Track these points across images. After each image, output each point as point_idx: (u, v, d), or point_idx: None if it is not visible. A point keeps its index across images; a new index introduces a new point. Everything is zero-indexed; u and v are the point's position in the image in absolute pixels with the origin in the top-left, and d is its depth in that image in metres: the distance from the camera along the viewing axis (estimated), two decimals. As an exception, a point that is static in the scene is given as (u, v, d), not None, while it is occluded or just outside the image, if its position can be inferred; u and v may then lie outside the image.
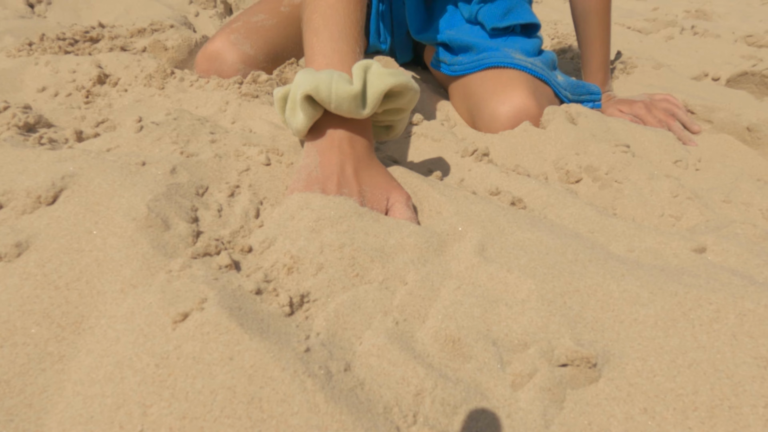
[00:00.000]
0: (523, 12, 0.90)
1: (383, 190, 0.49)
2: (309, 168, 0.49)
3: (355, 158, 0.49)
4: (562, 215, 0.49)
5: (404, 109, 0.53)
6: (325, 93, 0.46)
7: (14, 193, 0.44)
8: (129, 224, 0.40)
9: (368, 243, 0.40)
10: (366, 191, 0.48)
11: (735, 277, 0.37)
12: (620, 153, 0.65)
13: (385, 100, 0.50)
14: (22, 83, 0.83)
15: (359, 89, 0.47)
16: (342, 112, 0.48)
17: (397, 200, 0.48)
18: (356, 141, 0.50)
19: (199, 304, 0.33)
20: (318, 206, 0.42)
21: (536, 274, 0.38)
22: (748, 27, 2.31)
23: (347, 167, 0.48)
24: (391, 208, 0.48)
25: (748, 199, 0.56)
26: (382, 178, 0.50)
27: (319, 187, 0.46)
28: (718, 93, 1.01)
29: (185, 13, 1.54)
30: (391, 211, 0.48)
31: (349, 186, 0.47)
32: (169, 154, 0.51)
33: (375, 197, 0.48)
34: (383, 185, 0.49)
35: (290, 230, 0.41)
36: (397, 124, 0.56)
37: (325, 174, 0.48)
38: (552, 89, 0.84)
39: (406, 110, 0.53)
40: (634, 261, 0.40)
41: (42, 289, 0.37)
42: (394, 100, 0.50)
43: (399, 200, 0.48)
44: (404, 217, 0.46)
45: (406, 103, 0.51)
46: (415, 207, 0.49)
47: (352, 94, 0.46)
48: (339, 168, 0.48)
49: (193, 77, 0.79)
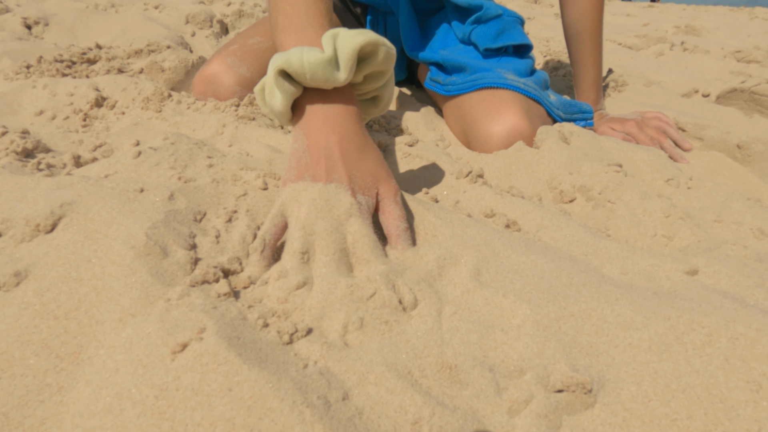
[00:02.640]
0: (515, 33, 0.92)
1: (373, 178, 0.49)
2: (298, 154, 0.49)
3: (344, 137, 0.49)
4: (556, 237, 0.50)
5: (383, 71, 0.52)
6: (297, 64, 0.46)
7: (13, 222, 0.44)
8: (128, 252, 0.40)
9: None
10: (356, 177, 0.48)
11: (727, 300, 0.38)
12: (613, 173, 0.66)
13: (361, 64, 0.50)
14: (19, 106, 0.83)
15: (331, 53, 0.46)
16: (319, 82, 0.48)
17: (385, 195, 0.49)
18: (343, 114, 0.50)
19: (197, 334, 0.33)
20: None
21: (531, 299, 0.38)
22: (736, 42, 2.35)
23: (335, 151, 0.48)
24: (380, 203, 0.48)
25: (738, 219, 0.57)
26: (372, 162, 0.50)
27: (309, 174, 0.46)
28: (708, 110, 1.03)
29: (182, 33, 1.56)
30: (380, 207, 0.48)
31: (338, 172, 0.47)
32: (167, 180, 0.51)
33: (366, 184, 0.48)
34: (373, 171, 0.49)
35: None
36: (382, 93, 0.55)
37: (314, 159, 0.47)
38: (545, 109, 0.85)
39: (385, 73, 0.52)
40: (628, 284, 0.41)
41: (41, 318, 0.37)
42: (369, 62, 0.50)
43: (387, 195, 0.49)
44: (393, 216, 0.47)
45: (383, 63, 0.50)
46: (404, 199, 0.49)
47: (325, 59, 0.46)
48: (327, 151, 0.48)
49: (190, 100, 0.80)
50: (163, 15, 1.67)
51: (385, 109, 0.58)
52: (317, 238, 0.43)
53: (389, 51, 0.50)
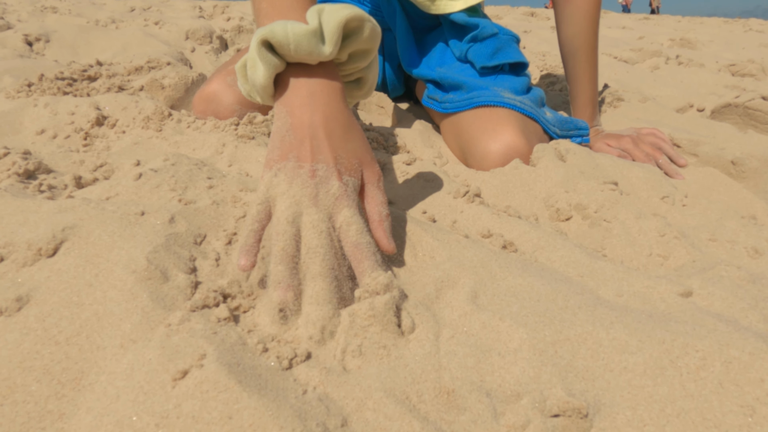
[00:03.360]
0: (511, 52, 0.93)
1: (359, 160, 0.48)
2: (281, 133, 0.48)
3: (329, 116, 0.48)
4: (553, 258, 0.50)
5: (368, 50, 0.51)
6: (281, 34, 0.45)
7: (15, 246, 0.44)
8: (129, 277, 0.41)
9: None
10: (342, 157, 0.47)
11: (720, 323, 0.38)
12: (609, 191, 0.66)
13: (346, 41, 0.49)
14: (21, 125, 0.84)
15: (316, 25, 0.46)
16: (303, 55, 0.47)
17: (369, 180, 0.49)
18: (327, 91, 0.49)
19: (198, 360, 0.33)
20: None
21: (528, 323, 0.39)
22: (731, 55, 2.38)
23: (320, 130, 0.47)
24: (364, 186, 0.48)
25: (733, 237, 0.57)
26: (358, 143, 0.49)
27: (293, 155, 0.46)
28: (702, 126, 1.04)
29: (181, 49, 1.57)
30: (364, 191, 0.48)
31: (324, 153, 0.46)
32: (168, 202, 0.52)
33: (351, 165, 0.47)
34: (358, 153, 0.49)
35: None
36: (366, 74, 0.54)
37: (298, 138, 0.47)
38: (541, 126, 0.86)
39: (370, 52, 0.52)
40: (623, 306, 0.42)
41: (42, 344, 0.37)
42: (354, 38, 0.49)
43: (371, 180, 0.49)
44: (376, 201, 0.48)
45: (368, 40, 0.50)
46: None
47: (310, 30, 0.45)
48: (311, 131, 0.47)
49: (190, 119, 0.81)
50: (163, 31, 1.69)
51: (369, 92, 0.57)
52: (304, 231, 0.42)
53: (374, 28, 0.49)
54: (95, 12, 2.56)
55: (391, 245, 0.47)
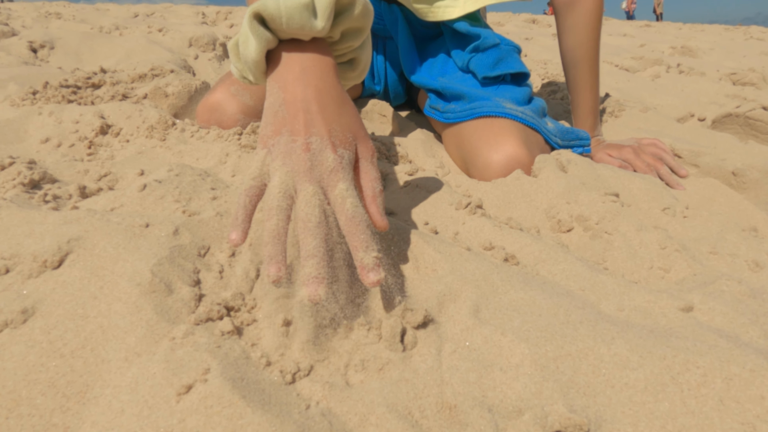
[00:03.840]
0: (513, 62, 0.94)
1: (352, 134, 0.48)
2: (274, 108, 0.47)
3: (322, 90, 0.48)
4: (554, 271, 0.50)
5: (361, 28, 0.51)
6: (273, 7, 0.45)
7: (21, 257, 0.45)
8: (133, 290, 0.41)
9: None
10: (336, 131, 0.47)
11: (721, 339, 0.39)
12: (610, 202, 0.67)
13: (338, 18, 0.49)
14: (26, 133, 0.85)
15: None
16: (295, 29, 0.47)
17: (363, 155, 0.48)
18: (320, 66, 0.49)
19: (202, 375, 0.34)
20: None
21: (529, 338, 0.39)
22: (732, 63, 2.38)
23: (313, 104, 0.47)
24: (358, 162, 0.48)
25: (734, 250, 0.57)
26: (351, 117, 0.49)
27: (287, 129, 0.46)
28: (703, 136, 1.04)
29: (185, 57, 1.58)
30: (358, 166, 0.48)
31: (317, 126, 0.46)
32: (172, 214, 0.52)
33: (345, 139, 0.47)
34: (352, 127, 0.49)
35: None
36: (359, 55, 0.54)
37: (291, 113, 0.46)
38: (542, 136, 0.87)
39: (363, 30, 0.52)
40: (624, 321, 0.42)
41: (47, 357, 0.37)
42: (346, 15, 0.49)
43: (365, 155, 0.48)
44: (370, 177, 0.47)
45: (360, 18, 0.50)
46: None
47: (302, 3, 0.45)
48: (304, 105, 0.47)
49: (194, 128, 0.82)
50: (166, 38, 1.70)
51: (362, 74, 0.56)
52: (298, 206, 0.42)
53: (366, 5, 0.49)
54: (99, 18, 2.58)
55: (384, 221, 0.46)
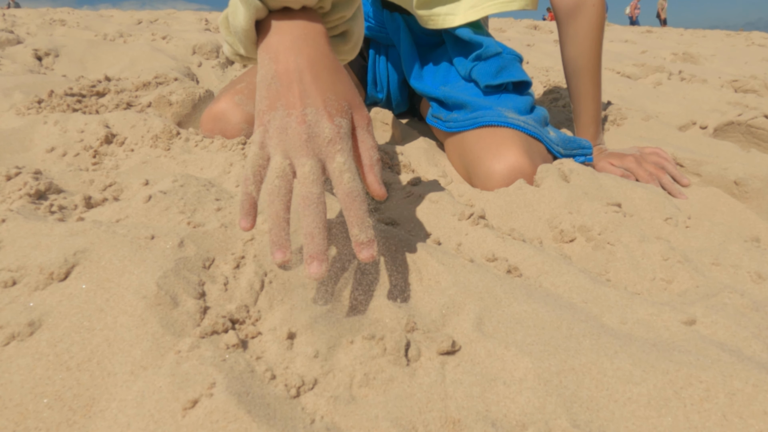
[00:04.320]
0: (515, 70, 0.94)
1: (347, 102, 0.47)
2: (266, 80, 0.47)
3: (315, 59, 0.47)
4: (557, 283, 0.51)
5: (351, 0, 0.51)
6: None
7: (27, 269, 0.45)
8: (139, 302, 0.41)
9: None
10: (330, 100, 0.46)
11: (724, 353, 0.39)
12: (612, 213, 0.67)
13: None
14: (31, 143, 0.85)
15: None
16: None
17: (359, 124, 0.48)
18: (311, 34, 0.48)
19: (208, 389, 0.34)
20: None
21: (533, 352, 0.39)
22: (733, 70, 2.39)
23: (306, 73, 0.46)
24: (355, 131, 0.48)
25: (736, 262, 0.58)
26: (346, 86, 0.48)
27: (282, 103, 0.45)
28: (705, 144, 1.05)
29: (188, 64, 1.59)
30: (355, 136, 0.48)
31: (312, 96, 0.45)
32: (177, 225, 0.53)
33: (341, 108, 0.46)
34: (347, 95, 0.48)
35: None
36: (351, 27, 0.54)
37: (285, 84, 0.46)
38: (545, 146, 0.87)
39: (353, 1, 0.51)
40: (627, 335, 0.42)
41: (54, 370, 0.38)
42: None
43: (361, 124, 0.48)
44: (367, 146, 0.47)
45: None
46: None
47: None
48: (298, 75, 0.46)
49: (198, 137, 0.82)
50: (170, 45, 1.71)
51: (355, 48, 0.56)
52: (297, 183, 0.43)
53: None
54: (103, 25, 2.60)
55: (382, 190, 0.47)
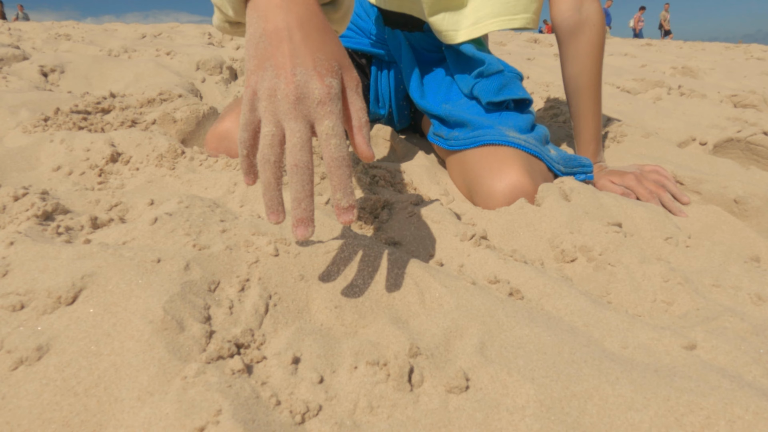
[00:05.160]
0: (516, 88, 0.96)
1: (337, 63, 0.47)
2: (254, 39, 0.47)
3: (304, 18, 0.47)
4: (559, 306, 0.51)
5: None
6: None
7: (35, 293, 0.46)
8: (146, 327, 0.42)
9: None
10: (320, 60, 0.46)
11: (725, 380, 0.39)
12: (613, 233, 0.67)
13: None
14: (37, 161, 0.86)
15: None
16: None
17: (348, 85, 0.48)
18: None
19: (214, 416, 0.34)
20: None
21: (535, 377, 0.39)
22: (732, 84, 2.40)
23: (296, 32, 0.46)
24: (344, 92, 0.48)
25: (736, 283, 0.58)
26: (335, 46, 0.48)
27: (270, 63, 0.45)
28: (705, 162, 1.05)
29: (192, 80, 1.61)
30: (344, 98, 0.48)
31: (302, 56, 0.45)
32: (182, 248, 0.53)
33: (331, 68, 0.46)
34: (337, 56, 0.48)
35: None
36: None
37: (274, 43, 0.45)
38: (545, 164, 0.88)
39: None
40: (628, 360, 0.42)
41: (62, 395, 0.38)
42: None
43: (350, 86, 0.48)
44: (356, 107, 0.48)
45: None
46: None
47: None
48: (287, 33, 0.46)
49: (203, 156, 0.83)
50: (174, 61, 1.73)
51: (345, 19, 0.55)
52: (287, 147, 0.44)
53: None
54: (107, 39, 2.63)
55: (369, 152, 0.47)
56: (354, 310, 0.50)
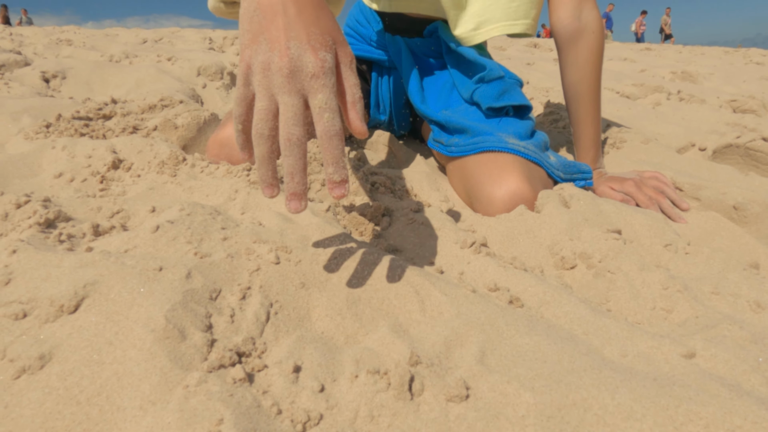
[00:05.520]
0: (516, 95, 0.96)
1: (331, 38, 0.47)
2: (249, 13, 0.47)
3: None
4: (558, 314, 0.51)
5: None
6: None
7: (38, 301, 0.46)
8: (148, 336, 0.42)
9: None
10: (314, 34, 0.46)
11: (723, 388, 0.39)
12: (612, 240, 0.68)
13: None
14: (39, 168, 0.87)
15: None
16: None
17: (342, 60, 0.48)
18: None
19: (216, 426, 0.35)
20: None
21: (535, 387, 0.40)
22: (732, 88, 2.41)
23: (290, 7, 0.46)
24: (338, 68, 0.48)
25: (735, 291, 0.58)
26: (329, 20, 0.49)
27: (264, 38, 0.45)
28: (704, 168, 1.06)
29: (193, 86, 1.61)
30: (339, 73, 0.48)
31: (296, 30, 0.45)
32: (184, 256, 0.54)
33: (325, 42, 0.46)
34: (331, 31, 0.48)
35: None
36: None
37: (268, 17, 0.46)
38: (545, 170, 0.88)
39: None
40: (628, 368, 0.43)
41: (64, 404, 0.38)
42: None
43: (344, 61, 0.48)
44: (350, 83, 0.48)
45: None
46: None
47: None
48: (282, 7, 0.46)
49: (204, 163, 0.84)
50: (175, 67, 1.73)
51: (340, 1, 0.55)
52: (280, 121, 0.44)
53: None
54: (109, 44, 2.64)
55: (363, 127, 0.47)
56: (355, 317, 0.50)
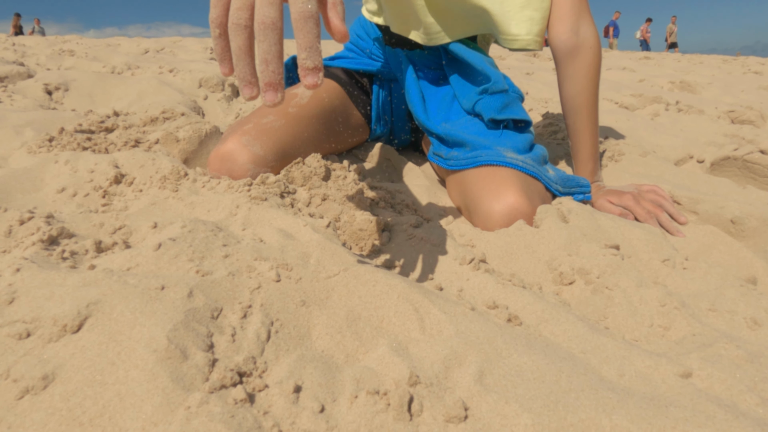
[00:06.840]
0: (517, 109, 0.97)
1: None
2: None
3: None
4: (556, 332, 0.52)
5: None
6: None
7: (42, 321, 0.47)
8: (150, 356, 0.43)
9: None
10: None
11: (720, 409, 0.40)
12: (610, 256, 0.68)
13: None
14: (42, 182, 0.87)
15: None
16: None
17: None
18: None
19: (217, 448, 0.35)
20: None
21: (532, 408, 0.40)
22: (730, 98, 2.42)
23: None
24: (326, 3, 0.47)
25: (732, 308, 0.59)
26: None
27: None
28: (702, 181, 1.06)
29: (195, 97, 1.63)
30: (325, 7, 0.47)
31: None
32: (186, 274, 0.54)
33: None
34: None
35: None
36: None
37: None
38: (543, 184, 0.89)
39: None
40: (625, 388, 0.43)
41: (67, 425, 0.39)
42: None
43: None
44: (337, 19, 0.46)
45: None
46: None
47: None
48: None
49: (205, 178, 0.84)
50: (177, 79, 1.75)
51: None
52: (256, 7, 0.44)
53: None
54: (110, 55, 2.65)
55: (343, 27, 0.47)
56: (354, 336, 0.51)
